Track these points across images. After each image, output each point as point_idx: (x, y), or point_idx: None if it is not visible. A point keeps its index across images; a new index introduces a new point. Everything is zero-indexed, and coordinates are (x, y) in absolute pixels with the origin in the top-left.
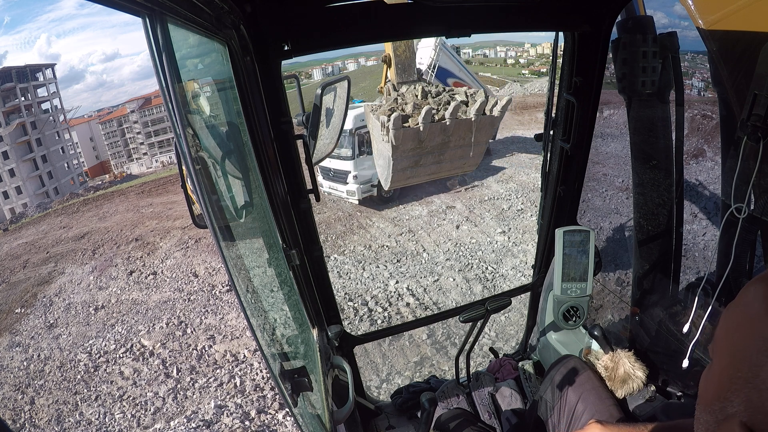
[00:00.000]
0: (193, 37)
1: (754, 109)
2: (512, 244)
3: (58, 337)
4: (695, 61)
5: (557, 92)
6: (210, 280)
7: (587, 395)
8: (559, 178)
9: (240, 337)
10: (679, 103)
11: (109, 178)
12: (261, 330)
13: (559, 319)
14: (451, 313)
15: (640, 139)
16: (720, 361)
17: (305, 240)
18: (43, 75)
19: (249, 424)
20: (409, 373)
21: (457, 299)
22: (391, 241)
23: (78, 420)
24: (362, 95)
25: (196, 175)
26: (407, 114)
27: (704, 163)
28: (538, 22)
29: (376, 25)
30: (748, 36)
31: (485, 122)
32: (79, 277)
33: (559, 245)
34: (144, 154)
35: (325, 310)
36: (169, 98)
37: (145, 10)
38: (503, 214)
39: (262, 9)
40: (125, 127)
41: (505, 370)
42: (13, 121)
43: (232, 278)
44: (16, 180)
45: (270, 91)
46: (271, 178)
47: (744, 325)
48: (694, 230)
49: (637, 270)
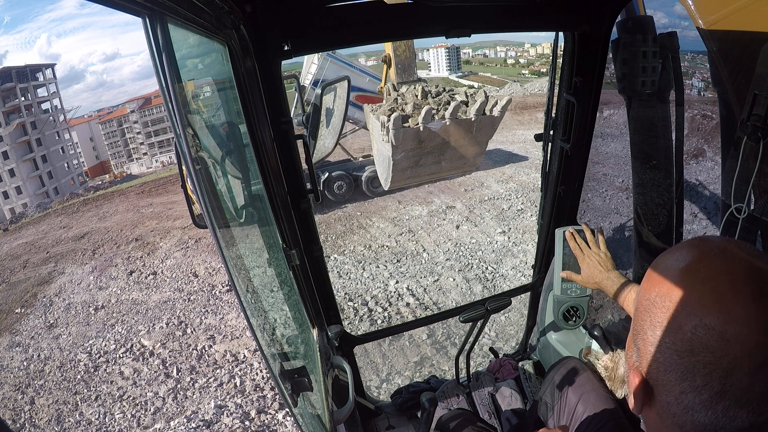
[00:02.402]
0: (193, 37)
1: (754, 109)
2: (512, 244)
3: (58, 337)
4: (695, 61)
5: (557, 92)
6: (210, 280)
7: (587, 396)
8: (559, 178)
9: (240, 337)
10: (679, 103)
11: (109, 178)
12: (261, 330)
13: (559, 319)
14: (451, 313)
15: (640, 139)
16: (631, 324)
17: (305, 240)
18: (43, 75)
19: (249, 424)
20: (409, 373)
21: (457, 299)
22: (391, 241)
23: (78, 420)
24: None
25: (196, 175)
26: (407, 114)
27: (704, 163)
28: (538, 22)
29: (376, 25)
30: (748, 36)
31: (485, 122)
32: (79, 277)
33: (559, 245)
34: (144, 154)
35: (325, 310)
36: (169, 98)
37: (145, 10)
38: (503, 214)
39: (262, 9)
40: (125, 127)
41: (505, 370)
42: (13, 121)
43: (232, 278)
44: (16, 180)
45: (270, 91)
46: (271, 178)
47: (640, 293)
48: (694, 230)
49: (637, 270)
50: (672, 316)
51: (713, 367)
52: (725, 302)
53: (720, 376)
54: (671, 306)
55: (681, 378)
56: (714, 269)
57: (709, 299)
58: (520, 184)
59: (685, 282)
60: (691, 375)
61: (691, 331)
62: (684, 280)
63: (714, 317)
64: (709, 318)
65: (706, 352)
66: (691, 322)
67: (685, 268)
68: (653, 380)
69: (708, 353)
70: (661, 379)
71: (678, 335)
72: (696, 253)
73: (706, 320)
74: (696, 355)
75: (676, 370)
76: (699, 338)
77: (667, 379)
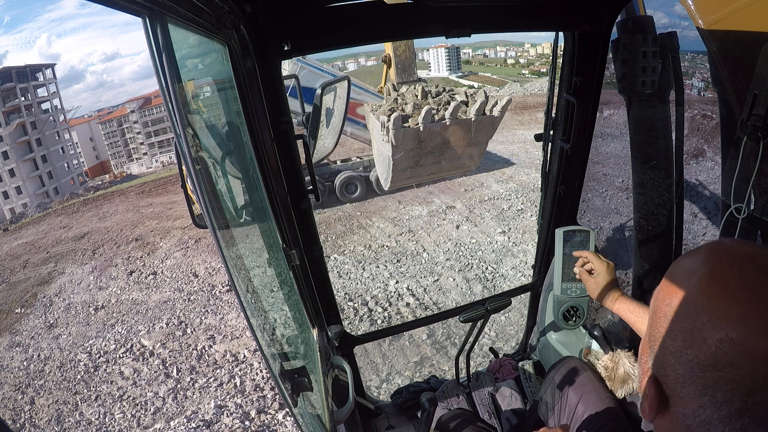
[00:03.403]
0: (193, 37)
1: (754, 109)
2: (512, 244)
3: (58, 337)
4: (695, 61)
5: (557, 92)
6: (210, 280)
7: (587, 396)
8: (559, 178)
9: (240, 337)
10: (679, 103)
11: (109, 178)
12: (261, 330)
13: (559, 319)
14: (451, 313)
15: (640, 139)
16: (647, 326)
17: (305, 240)
18: (43, 75)
19: (249, 424)
20: (409, 373)
21: (457, 299)
22: (391, 241)
23: (78, 420)
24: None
25: (196, 175)
26: (407, 114)
27: (704, 163)
28: (538, 22)
29: (376, 25)
30: (748, 36)
31: (485, 122)
32: (79, 277)
33: (559, 245)
34: (144, 154)
35: (325, 310)
36: (169, 98)
37: (145, 10)
38: (503, 214)
39: (262, 9)
40: (125, 127)
41: (505, 370)
42: (13, 121)
43: (232, 278)
44: (16, 180)
45: (270, 91)
46: (271, 178)
47: (659, 296)
48: (694, 230)
49: (637, 270)
50: (696, 327)
51: (736, 384)
52: (754, 317)
53: (742, 393)
54: (694, 316)
55: (701, 392)
56: (743, 279)
57: (738, 312)
58: (520, 183)
59: (711, 291)
60: (712, 390)
61: (716, 345)
62: (709, 289)
63: (742, 332)
64: (735, 333)
65: (730, 368)
66: (716, 336)
67: (710, 275)
68: (670, 390)
69: (732, 370)
70: (680, 391)
71: (702, 348)
72: (722, 260)
73: (733, 335)
74: (720, 370)
75: (696, 383)
76: (724, 353)
77: (686, 392)
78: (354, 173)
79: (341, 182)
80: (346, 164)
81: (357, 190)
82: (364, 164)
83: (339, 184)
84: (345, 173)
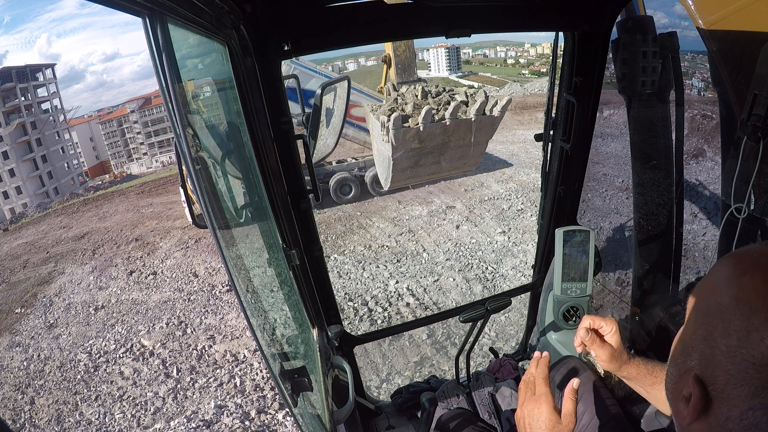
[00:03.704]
0: (193, 37)
1: (754, 109)
2: (512, 244)
3: (58, 337)
4: (695, 61)
5: (557, 92)
6: (210, 280)
7: (587, 396)
8: (559, 178)
9: (240, 337)
10: (679, 103)
11: (109, 178)
12: (261, 330)
13: (559, 319)
14: (451, 313)
15: (640, 139)
16: (687, 322)
17: (305, 240)
18: (43, 75)
19: (249, 424)
20: (409, 373)
21: (457, 299)
22: (391, 241)
23: (78, 420)
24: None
25: (196, 175)
26: (407, 114)
27: (704, 163)
28: (538, 22)
29: (376, 25)
30: (748, 36)
31: (485, 122)
32: (79, 277)
33: (559, 245)
34: (144, 154)
35: (325, 310)
36: (169, 98)
37: (145, 10)
38: (503, 214)
39: (262, 9)
40: (125, 127)
41: (505, 370)
42: (13, 121)
43: (232, 278)
44: (16, 180)
45: (270, 91)
46: (271, 178)
47: (707, 292)
48: (694, 230)
49: (637, 270)
50: (751, 326)
51: None
52: None
53: None
54: (751, 314)
55: (753, 394)
56: None
57: None
58: (520, 183)
59: (766, 290)
60: (765, 392)
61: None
62: (765, 288)
63: None
64: None
65: None
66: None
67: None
68: (717, 391)
69: None
70: (729, 392)
71: (759, 348)
72: None
73: None
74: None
75: (749, 384)
76: None
77: (736, 393)
78: (348, 174)
79: (335, 183)
80: (341, 165)
81: (351, 191)
82: (359, 165)
83: (333, 186)
84: (339, 174)
